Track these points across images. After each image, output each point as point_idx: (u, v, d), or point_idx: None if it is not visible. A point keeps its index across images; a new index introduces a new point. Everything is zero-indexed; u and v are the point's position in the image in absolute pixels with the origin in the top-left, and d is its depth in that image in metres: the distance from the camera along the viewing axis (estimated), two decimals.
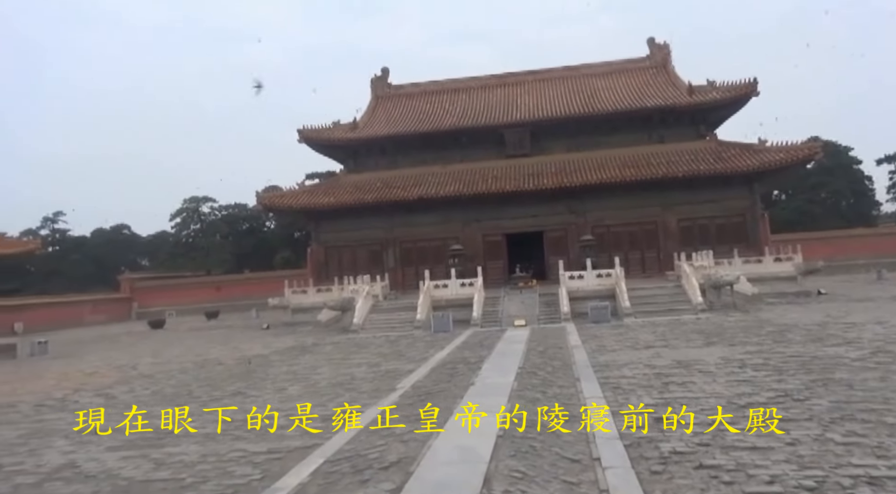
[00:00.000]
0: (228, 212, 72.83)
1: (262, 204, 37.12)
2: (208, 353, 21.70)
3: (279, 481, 6.55)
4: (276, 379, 14.44)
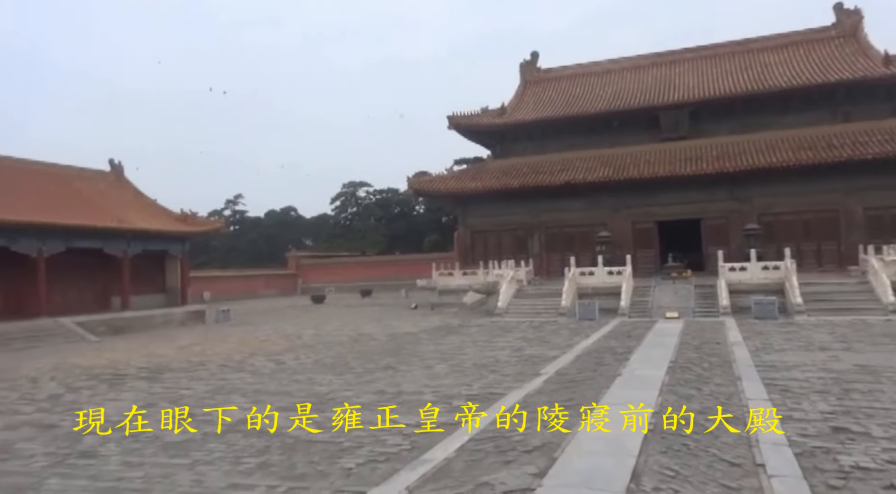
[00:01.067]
0: (382, 196, 76.77)
1: (413, 188, 38.55)
2: (362, 328, 23.14)
3: (427, 453, 6.80)
4: (423, 357, 15.02)
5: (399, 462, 6.59)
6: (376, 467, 6.49)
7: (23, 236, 23.88)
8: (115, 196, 31.09)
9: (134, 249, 28.75)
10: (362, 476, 6.24)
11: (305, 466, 6.67)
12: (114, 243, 27.77)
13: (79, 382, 13.28)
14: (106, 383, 13.02)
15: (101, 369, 15.17)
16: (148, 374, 14.00)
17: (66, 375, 14.40)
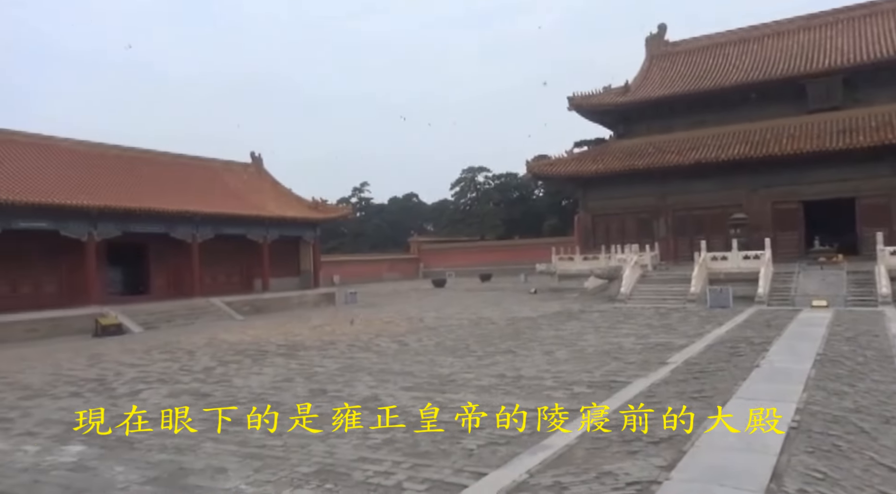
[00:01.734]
0: (500, 181, 76.71)
1: (532, 172, 38.11)
2: (482, 312, 23.36)
3: (547, 438, 6.73)
4: (543, 342, 14.88)
5: (519, 446, 6.59)
6: (497, 449, 6.54)
7: (180, 224, 26.61)
8: (255, 186, 33.70)
9: (272, 235, 31.04)
10: (483, 457, 6.32)
11: (429, 444, 6.87)
12: (255, 229, 30.15)
13: (227, 356, 14.62)
14: (250, 358, 14.23)
15: (246, 345, 16.59)
16: (285, 351, 15.11)
17: (216, 349, 15.91)
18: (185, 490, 5.72)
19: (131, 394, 10.52)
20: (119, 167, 27.58)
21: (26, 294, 23.09)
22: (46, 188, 22.49)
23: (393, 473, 5.94)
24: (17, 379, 12.46)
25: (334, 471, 6.08)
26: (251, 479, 5.94)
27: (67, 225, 22.69)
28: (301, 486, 5.70)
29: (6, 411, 9.55)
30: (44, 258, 23.69)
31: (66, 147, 26.66)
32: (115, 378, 12.16)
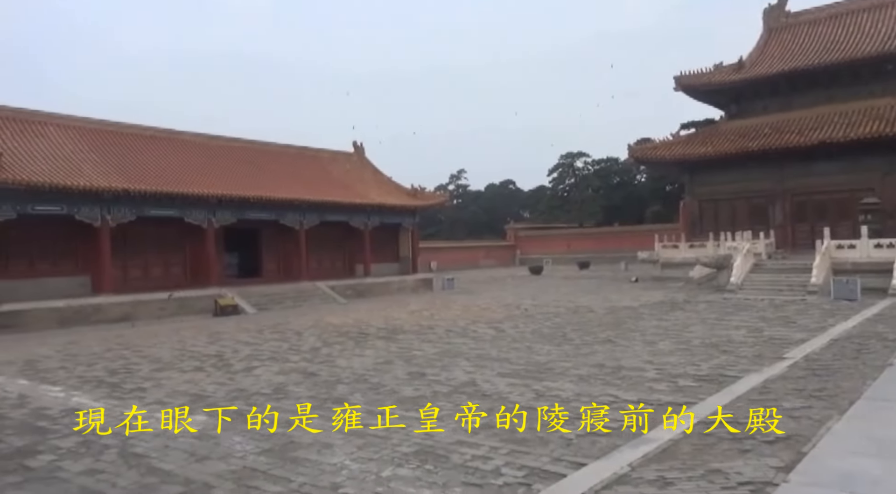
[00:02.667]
0: (600, 166, 74.45)
1: (634, 157, 36.68)
2: (580, 300, 22.90)
3: (650, 432, 6.50)
4: (645, 332, 14.36)
5: (620, 438, 6.41)
6: (596, 440, 6.40)
7: (289, 212, 28.08)
8: (357, 175, 34.86)
9: (373, 222, 32.03)
10: (582, 447, 6.20)
11: (526, 431, 6.84)
12: (357, 216, 31.24)
13: (332, 338, 15.31)
14: (353, 340, 14.81)
15: (349, 327, 17.29)
16: (385, 334, 15.59)
17: (321, 331, 16.70)
18: (295, 462, 6.06)
19: (246, 370, 11.28)
20: (235, 157, 29.46)
21: (156, 276, 25.35)
22: (172, 178, 24.50)
23: (491, 458, 5.97)
24: (150, 353, 13.73)
25: (433, 453, 6.20)
26: (354, 456, 6.19)
27: (191, 212, 24.60)
28: (402, 465, 5.87)
29: (141, 381, 10.55)
30: (171, 243, 25.86)
31: (188, 140, 28.82)
32: (232, 355, 13.09)
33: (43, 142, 22.88)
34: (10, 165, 20.04)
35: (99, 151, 24.26)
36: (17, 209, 19.98)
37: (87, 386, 10.26)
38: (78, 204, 21.37)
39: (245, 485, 5.49)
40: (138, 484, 5.61)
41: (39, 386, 10.35)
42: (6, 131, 22.14)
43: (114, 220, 22.30)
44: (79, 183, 20.94)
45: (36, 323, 19.42)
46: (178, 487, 5.51)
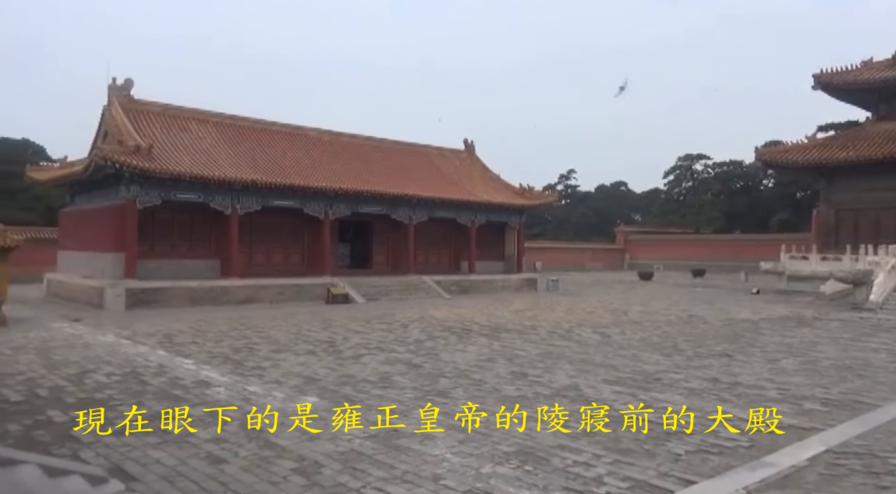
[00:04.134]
0: (722, 169, 70.13)
1: (762, 160, 34.17)
2: (693, 310, 21.72)
3: (769, 456, 6.06)
4: (765, 348, 13.37)
5: (734, 459, 6.03)
6: (707, 458, 6.07)
7: (399, 207, 28.90)
8: (466, 172, 35.19)
9: (480, 219, 32.20)
10: (692, 464, 5.90)
11: (631, 442, 6.62)
12: (464, 213, 31.56)
13: (436, 331, 15.60)
14: (456, 335, 15.01)
15: (452, 322, 17.54)
16: (488, 332, 15.65)
17: (426, 324, 17.07)
18: (399, 450, 6.26)
19: (355, 357, 11.77)
20: (350, 152, 30.75)
21: (277, 263, 27.05)
22: (294, 171, 26.03)
23: (593, 465, 5.84)
24: (269, 335, 14.71)
25: (534, 454, 6.16)
26: (455, 449, 6.29)
27: (310, 204, 26.01)
28: (502, 463, 5.89)
29: (261, 360, 11.33)
30: (290, 233, 27.48)
31: (310, 135, 30.44)
32: (342, 342, 13.71)
33: (186, 136, 25.13)
34: (159, 156, 22.20)
35: (232, 144, 26.26)
36: (162, 196, 22.12)
37: (215, 361, 11.18)
38: (213, 193, 23.27)
39: (352, 467, 5.75)
40: (257, 456, 6.03)
41: (175, 358, 11.42)
42: (156, 125, 24.54)
43: (242, 209, 24.06)
44: (214, 174, 22.80)
45: (173, 300, 21.41)
46: (291, 462, 5.87)
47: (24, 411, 7.58)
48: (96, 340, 13.46)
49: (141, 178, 21.30)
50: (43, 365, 10.47)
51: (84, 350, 12.03)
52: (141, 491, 5.03)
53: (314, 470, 5.67)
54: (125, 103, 24.13)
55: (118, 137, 21.99)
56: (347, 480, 5.43)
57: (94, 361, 10.93)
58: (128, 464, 5.72)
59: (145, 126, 23.94)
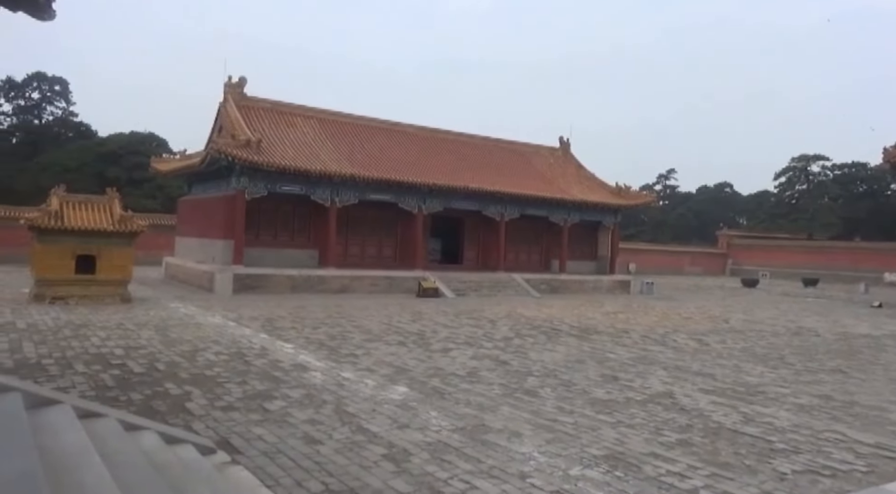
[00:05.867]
0: (843, 172, 64.74)
1: (891, 162, 31.14)
2: (802, 321, 20.23)
3: (892, 484, 5.54)
4: (888, 367, 12.22)
5: (849, 483, 5.57)
6: (818, 480, 5.64)
7: (491, 203, 28.91)
8: (560, 170, 34.63)
9: (573, 218, 31.60)
10: (799, 485, 5.51)
11: (730, 455, 6.27)
12: (557, 212, 31.07)
13: (524, 330, 15.49)
14: (545, 334, 14.83)
15: (541, 321, 17.34)
16: (578, 333, 15.34)
17: (514, 322, 16.98)
18: (486, 445, 6.28)
19: (443, 351, 11.92)
20: (443, 148, 31.10)
21: (371, 255, 27.89)
22: (390, 166, 26.69)
23: (688, 477, 5.59)
24: (361, 324, 15.20)
25: (624, 460, 5.99)
26: (543, 449, 6.22)
27: (404, 199, 26.58)
28: (591, 467, 5.76)
29: (354, 348, 11.74)
30: (384, 226, 28.24)
31: (405, 130, 31.07)
32: (431, 335, 13.93)
33: (291, 131, 26.43)
34: (266, 150, 23.50)
35: (333, 139, 27.33)
36: (268, 188, 23.40)
37: (312, 346, 11.70)
38: (314, 186, 24.33)
39: (439, 458, 5.84)
40: (350, 440, 6.26)
41: (276, 342, 12.06)
42: (265, 121, 25.98)
43: (340, 202, 24.99)
44: (316, 167, 23.83)
45: (274, 287, 22.62)
46: (382, 449, 6.04)
47: (146, 382, 8.28)
48: (206, 321, 14.47)
49: (250, 170, 22.63)
50: (161, 341, 11.39)
51: (196, 330, 12.97)
52: (244, 464, 5.36)
53: (403, 458, 5.80)
54: (238, 100, 25.72)
55: (231, 132, 23.50)
56: (435, 470, 5.52)
57: (205, 340, 11.76)
58: (233, 438, 6.12)
59: (255, 121, 25.41)
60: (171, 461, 4.30)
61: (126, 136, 50.80)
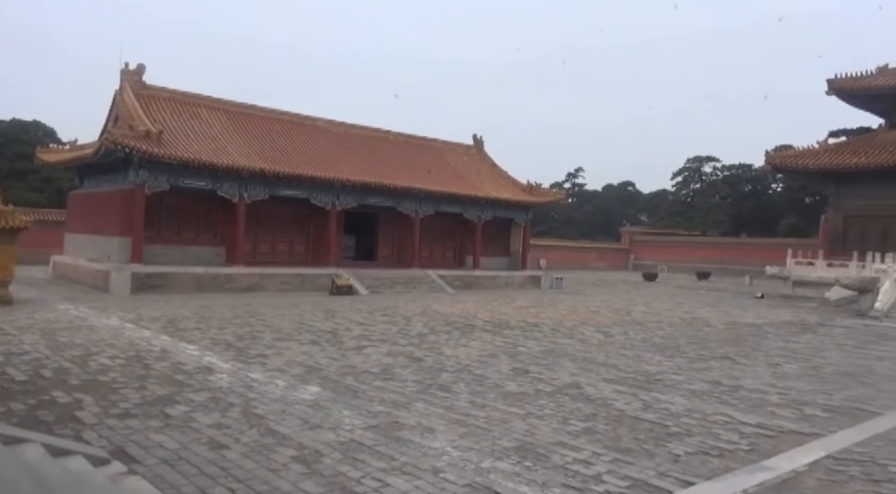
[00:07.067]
0: (731, 172, 69.82)
1: (772, 164, 34.00)
2: (696, 312, 21.69)
3: (769, 460, 6.06)
4: (769, 353, 13.35)
5: (734, 462, 6.03)
6: (707, 460, 6.07)
7: (406, 200, 28.90)
8: (474, 167, 35.13)
9: (486, 215, 32.18)
10: (691, 465, 5.91)
11: (631, 441, 6.62)
12: (471, 209, 31.52)
13: (438, 326, 15.62)
14: (458, 330, 15.02)
15: (455, 317, 17.55)
16: (491, 328, 15.66)
17: (429, 318, 17.09)
18: (399, 442, 6.28)
19: (357, 349, 11.80)
20: (358, 144, 30.70)
21: (282, 252, 27.11)
22: (303, 161, 26.04)
23: (593, 463, 5.85)
24: (272, 323, 14.76)
25: (533, 450, 6.18)
26: (456, 444, 6.30)
27: (317, 195, 26.01)
28: (502, 458, 5.90)
29: (264, 348, 11.37)
30: (296, 223, 27.52)
31: (319, 125, 30.37)
32: (345, 333, 13.75)
33: (196, 122, 25.16)
34: (169, 142, 22.26)
35: (242, 132, 26.28)
36: (170, 182, 22.17)
37: (218, 348, 11.23)
38: (221, 180, 23.31)
39: (352, 457, 5.77)
40: (258, 443, 6.06)
41: (178, 343, 11.47)
42: (167, 111, 24.58)
43: (249, 197, 24.10)
44: (223, 161, 22.84)
45: (178, 286, 21.50)
46: (292, 450, 5.90)
47: (29, 391, 7.63)
48: (101, 323, 13.53)
49: (150, 163, 21.35)
50: (47, 346, 10.54)
51: (89, 333, 12.10)
52: (142, 473, 5.06)
53: (314, 459, 5.69)
54: (137, 88, 24.19)
55: (129, 122, 22.06)
56: (348, 470, 5.46)
57: (98, 344, 11.00)
58: (130, 447, 5.76)
59: (156, 112, 23.99)
60: (57, 474, 3.99)
61: (6, 123, 46.48)
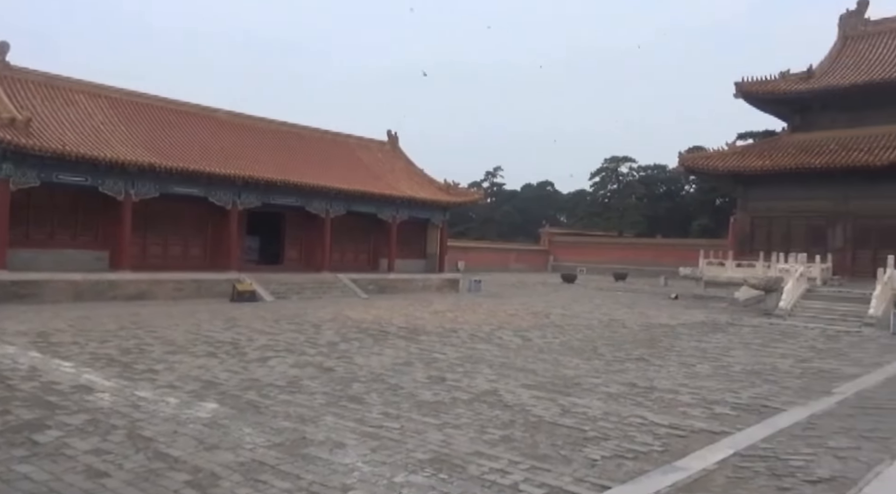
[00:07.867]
0: (646, 173, 73.61)
1: (684, 165, 36.08)
2: (614, 314, 22.68)
3: (681, 460, 6.42)
4: (682, 353, 14.17)
5: (648, 463, 6.34)
6: (622, 463, 6.35)
7: (316, 199, 28.38)
8: (389, 165, 35.06)
9: (402, 215, 32.18)
10: (607, 469, 6.16)
11: (548, 447, 6.81)
12: (385, 209, 31.42)
13: (350, 333, 15.45)
14: (372, 337, 14.92)
15: (369, 324, 17.42)
16: (406, 334, 15.67)
17: (340, 325, 16.86)
18: (306, 460, 6.14)
19: (261, 360, 11.45)
20: (264, 138, 29.86)
21: (175, 256, 25.87)
22: (200, 156, 24.97)
23: (509, 472, 5.97)
24: (164, 334, 14.04)
25: (449, 461, 6.22)
26: (367, 458, 6.24)
27: (215, 193, 25.05)
28: (416, 472, 5.90)
29: (153, 363, 10.80)
30: (192, 223, 26.37)
31: (219, 117, 29.28)
32: (247, 343, 13.31)
33: (72, 110, 23.55)
34: (39, 131, 20.69)
35: (128, 122, 24.86)
36: (41, 177, 20.61)
37: (99, 363, 10.54)
38: (103, 176, 21.94)
39: (253, 479, 5.59)
40: (145, 469, 5.74)
41: (51, 360, 10.67)
42: (37, 97, 22.83)
43: (137, 195, 22.83)
44: (105, 155, 21.49)
45: (51, 295, 20.02)
46: (185, 475, 5.63)
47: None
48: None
49: (15, 155, 19.77)
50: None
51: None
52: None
53: (210, 483, 5.46)
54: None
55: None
56: (248, 492, 5.27)
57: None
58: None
59: (24, 97, 22.25)
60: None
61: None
